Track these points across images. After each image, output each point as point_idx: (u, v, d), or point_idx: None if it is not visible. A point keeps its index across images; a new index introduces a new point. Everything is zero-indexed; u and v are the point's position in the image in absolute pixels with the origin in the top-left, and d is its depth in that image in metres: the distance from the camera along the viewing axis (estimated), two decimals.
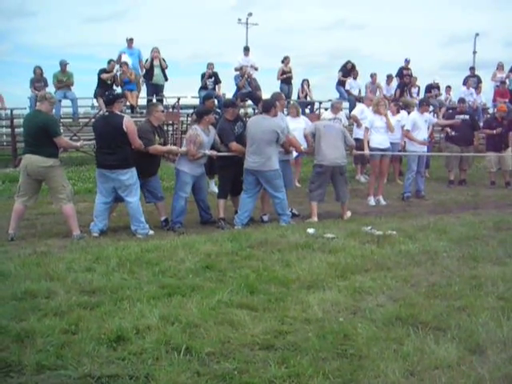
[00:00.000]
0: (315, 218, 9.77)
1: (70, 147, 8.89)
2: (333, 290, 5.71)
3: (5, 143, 20.25)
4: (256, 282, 5.88)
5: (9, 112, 18.31)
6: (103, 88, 16.86)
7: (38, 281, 5.87)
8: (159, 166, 9.38)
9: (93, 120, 16.32)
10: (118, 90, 17.43)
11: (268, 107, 9.35)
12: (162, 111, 9.46)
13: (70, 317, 4.88)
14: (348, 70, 20.24)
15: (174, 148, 9.95)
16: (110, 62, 17.41)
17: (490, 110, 22.20)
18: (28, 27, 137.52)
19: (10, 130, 18.35)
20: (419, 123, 12.54)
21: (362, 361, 4.14)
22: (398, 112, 13.41)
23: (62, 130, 11.80)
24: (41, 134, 8.17)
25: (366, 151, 11.48)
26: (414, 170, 12.44)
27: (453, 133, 14.14)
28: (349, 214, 10.17)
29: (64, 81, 17.22)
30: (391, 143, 13.28)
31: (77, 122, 18.44)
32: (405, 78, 20.39)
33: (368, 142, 11.62)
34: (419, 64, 52.93)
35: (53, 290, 5.59)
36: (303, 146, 10.60)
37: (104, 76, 17.19)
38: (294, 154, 10.71)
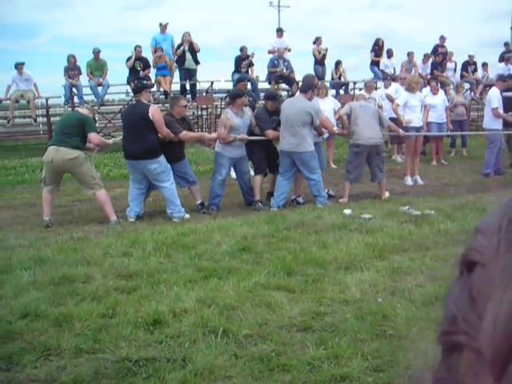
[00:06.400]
0: (346, 199, 9.68)
1: (103, 144, 8.92)
2: (371, 271, 5.64)
3: (41, 132, 20.44)
4: (293, 264, 5.84)
5: (44, 101, 18.52)
6: (134, 74, 17.03)
7: (76, 266, 5.91)
8: (183, 150, 9.32)
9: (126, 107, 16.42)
10: (152, 73, 17.56)
11: (306, 88, 9.30)
12: (185, 106, 9.38)
13: (107, 301, 4.90)
14: (380, 48, 19.98)
15: (205, 134, 9.95)
16: (136, 48, 17.49)
17: None
18: (66, 18, 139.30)
19: (45, 119, 18.55)
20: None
21: (401, 341, 4.07)
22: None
23: (97, 118, 11.91)
24: (77, 126, 8.26)
25: (401, 131, 11.16)
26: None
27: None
28: (387, 194, 10.03)
29: (100, 75, 17.46)
30: (438, 123, 13.17)
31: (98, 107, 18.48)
32: (436, 57, 19.99)
33: (402, 122, 11.38)
34: (457, 42, 52.12)
35: (90, 275, 5.63)
36: (335, 127, 10.51)
37: (128, 64, 17.37)
38: (326, 134, 10.62)
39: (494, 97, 12.28)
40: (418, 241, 6.73)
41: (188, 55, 17.85)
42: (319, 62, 19.56)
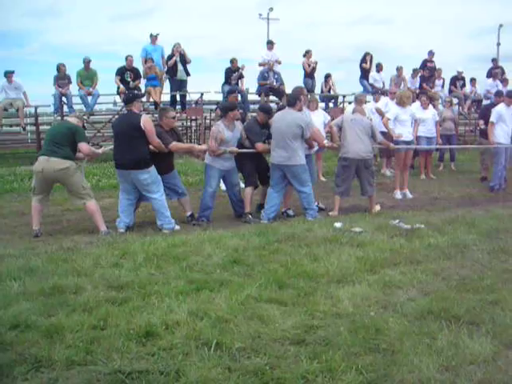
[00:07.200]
0: (336, 213, 9.71)
1: (93, 154, 8.84)
2: (362, 284, 5.65)
3: (29, 140, 20.38)
4: (285, 277, 5.83)
5: (33, 110, 18.46)
6: (124, 85, 17.05)
7: (66, 276, 5.86)
8: (172, 162, 9.26)
9: (116, 116, 16.36)
10: (142, 83, 17.57)
11: (293, 101, 9.27)
12: (173, 117, 9.27)
13: (98, 312, 4.86)
14: (367, 62, 20.07)
15: (195, 145, 9.93)
16: (127, 57, 17.50)
17: None
18: (56, 27, 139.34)
19: (34, 127, 18.47)
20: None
21: (395, 356, 4.07)
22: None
23: (86, 127, 11.85)
24: (67, 135, 8.24)
25: (391, 144, 11.14)
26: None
27: (482, 126, 13.62)
28: (378, 207, 10.04)
29: (90, 85, 17.47)
30: (427, 137, 13.36)
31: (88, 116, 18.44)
32: (424, 71, 20.11)
33: (392, 136, 11.45)
34: (446, 57, 52.45)
35: (80, 286, 5.58)
36: (325, 140, 10.54)
37: (116, 81, 17.43)
38: (316, 147, 10.61)
39: (493, 112, 12.35)
40: (408, 254, 6.74)
41: (180, 66, 17.88)
42: (309, 74, 19.68)
